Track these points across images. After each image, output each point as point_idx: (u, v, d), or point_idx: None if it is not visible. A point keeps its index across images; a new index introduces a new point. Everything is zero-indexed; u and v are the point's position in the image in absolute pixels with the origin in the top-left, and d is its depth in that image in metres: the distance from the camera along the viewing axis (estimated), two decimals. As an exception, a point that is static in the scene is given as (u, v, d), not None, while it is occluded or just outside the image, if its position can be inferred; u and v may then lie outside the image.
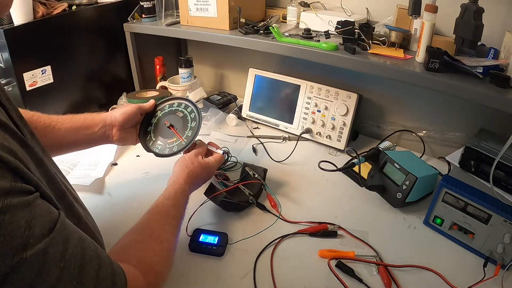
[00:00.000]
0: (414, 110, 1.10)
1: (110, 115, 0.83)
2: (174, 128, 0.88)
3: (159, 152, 0.86)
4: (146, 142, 0.88)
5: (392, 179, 0.86)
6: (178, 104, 0.91)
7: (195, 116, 0.89)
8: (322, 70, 1.15)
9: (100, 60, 1.28)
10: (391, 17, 1.00)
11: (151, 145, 0.88)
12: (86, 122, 0.80)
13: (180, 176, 0.75)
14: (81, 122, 0.80)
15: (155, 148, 0.87)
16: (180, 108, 0.91)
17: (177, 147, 0.85)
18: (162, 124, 0.89)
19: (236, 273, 0.70)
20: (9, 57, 0.98)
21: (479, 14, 0.75)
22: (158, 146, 0.87)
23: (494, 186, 0.72)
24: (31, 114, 0.74)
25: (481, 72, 0.78)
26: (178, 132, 0.87)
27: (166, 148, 0.86)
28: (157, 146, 0.87)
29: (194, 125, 0.87)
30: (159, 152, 0.86)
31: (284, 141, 1.16)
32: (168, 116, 0.90)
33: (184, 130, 0.87)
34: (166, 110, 0.91)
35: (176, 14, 1.23)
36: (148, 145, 0.88)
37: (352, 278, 0.68)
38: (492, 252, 0.71)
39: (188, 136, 0.86)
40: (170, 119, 0.89)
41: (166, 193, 0.70)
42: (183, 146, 0.85)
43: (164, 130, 0.88)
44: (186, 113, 0.90)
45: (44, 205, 0.39)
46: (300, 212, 0.85)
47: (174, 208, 0.68)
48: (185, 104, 0.91)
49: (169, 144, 0.86)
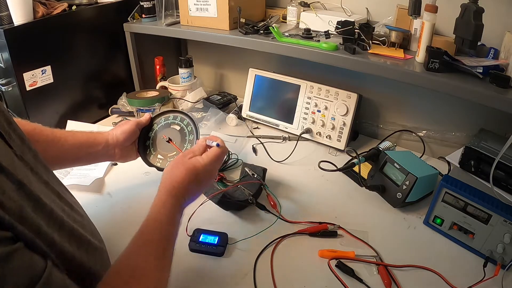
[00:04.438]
0: (414, 110, 1.10)
1: (112, 135, 0.82)
2: (173, 141, 0.89)
3: (160, 167, 0.89)
4: (147, 157, 0.91)
5: (392, 179, 0.86)
6: (174, 117, 0.93)
7: (192, 129, 0.90)
8: (322, 70, 1.15)
9: (100, 60, 1.28)
10: (391, 17, 1.00)
11: (152, 159, 0.90)
12: (89, 140, 0.79)
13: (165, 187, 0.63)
14: (83, 140, 0.79)
15: (157, 162, 0.90)
16: (176, 121, 0.92)
17: None
18: (160, 137, 0.91)
19: (236, 273, 0.70)
20: (9, 57, 0.98)
21: (479, 14, 0.75)
22: (159, 160, 0.90)
23: (494, 186, 0.72)
24: (33, 126, 0.72)
25: (481, 72, 0.78)
26: (177, 145, 0.89)
27: (167, 161, 0.89)
28: (158, 160, 0.90)
29: (192, 138, 0.89)
30: (161, 166, 0.89)
31: (284, 141, 1.16)
32: (165, 130, 0.91)
33: (183, 143, 0.89)
34: (162, 124, 0.92)
35: (176, 14, 1.23)
36: (149, 159, 0.90)
37: (352, 278, 0.68)
38: (492, 252, 0.71)
39: (188, 148, 0.88)
40: (168, 132, 0.91)
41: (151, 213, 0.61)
42: None
43: (162, 144, 0.90)
44: (183, 126, 0.91)
45: (24, 258, 0.33)
46: (300, 212, 0.85)
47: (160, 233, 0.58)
48: (181, 117, 0.92)
49: (169, 158, 0.89)
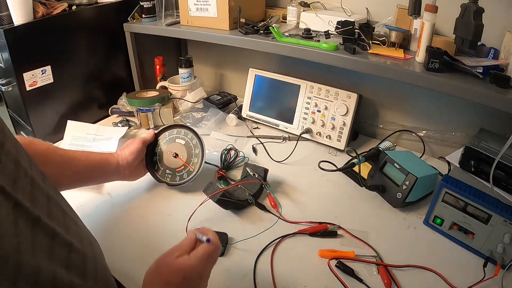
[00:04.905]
0: (414, 110, 1.10)
1: (122, 156, 0.85)
2: (179, 156, 0.91)
3: (170, 182, 0.91)
4: (155, 173, 0.92)
5: (392, 179, 0.86)
6: (178, 132, 0.94)
7: (196, 143, 0.92)
8: (322, 70, 1.15)
9: (100, 60, 1.28)
10: (391, 17, 1.00)
11: (161, 175, 0.92)
12: (101, 161, 0.81)
13: None
14: (96, 161, 0.81)
15: (166, 177, 0.91)
16: (181, 135, 0.93)
17: (186, 174, 0.90)
18: (166, 153, 0.92)
19: (236, 273, 0.70)
20: (9, 57, 0.98)
21: (479, 14, 0.75)
22: (167, 175, 0.91)
23: (494, 186, 0.72)
24: (46, 146, 0.72)
25: (481, 72, 0.78)
26: (184, 160, 0.91)
27: (176, 176, 0.91)
28: (167, 176, 0.91)
29: (198, 152, 0.91)
30: (170, 181, 0.91)
31: (284, 141, 1.16)
32: (171, 145, 0.93)
33: (190, 157, 0.91)
34: (167, 139, 0.94)
35: (176, 14, 1.23)
36: (158, 175, 0.92)
37: (352, 278, 0.68)
38: (492, 252, 0.71)
39: (194, 163, 0.91)
40: (173, 147, 0.92)
41: None
42: (192, 173, 0.90)
43: (169, 159, 0.92)
44: (187, 140, 0.93)
45: None
46: (300, 212, 0.85)
47: None
48: (184, 131, 0.94)
49: (178, 172, 0.91)
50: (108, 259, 0.57)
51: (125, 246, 0.77)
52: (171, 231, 0.80)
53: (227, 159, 1.00)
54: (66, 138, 1.12)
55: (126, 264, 0.72)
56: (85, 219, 0.84)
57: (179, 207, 0.87)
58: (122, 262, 0.72)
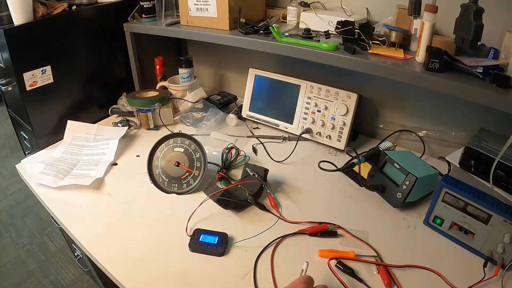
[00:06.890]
0: (414, 110, 1.10)
1: None
2: (182, 164, 0.92)
3: (178, 191, 0.91)
4: (161, 185, 0.93)
5: (392, 179, 0.86)
6: (174, 141, 0.95)
7: (195, 148, 0.93)
8: (322, 70, 1.14)
9: (100, 60, 1.28)
10: (391, 17, 1.00)
11: (167, 186, 0.92)
12: None
13: None
14: None
15: (172, 187, 0.92)
16: (178, 144, 0.94)
17: (192, 179, 0.91)
18: (167, 163, 0.93)
19: (236, 273, 0.70)
20: (9, 57, 0.98)
21: (479, 14, 0.75)
22: (174, 185, 0.92)
23: (494, 186, 0.72)
24: None
25: (481, 72, 0.78)
26: (187, 166, 0.92)
27: (183, 184, 0.91)
28: (174, 185, 0.92)
29: (199, 156, 0.92)
30: (178, 190, 0.91)
31: (284, 141, 1.16)
32: (170, 155, 0.93)
33: (192, 163, 0.92)
34: (165, 150, 0.94)
35: (176, 14, 1.23)
36: (164, 187, 0.93)
37: (352, 278, 0.68)
38: (492, 252, 0.71)
39: (198, 167, 0.92)
40: (174, 157, 0.93)
41: None
42: (197, 177, 0.91)
43: (173, 169, 0.92)
44: (186, 147, 0.94)
45: None
46: (300, 212, 0.85)
47: None
48: (181, 139, 0.94)
49: (183, 180, 0.92)
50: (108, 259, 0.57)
51: (125, 246, 0.77)
52: (171, 231, 0.80)
53: (228, 158, 1.00)
54: (66, 138, 1.12)
55: (126, 264, 0.72)
56: (85, 219, 0.84)
57: (179, 207, 0.87)
58: (122, 262, 0.72)
